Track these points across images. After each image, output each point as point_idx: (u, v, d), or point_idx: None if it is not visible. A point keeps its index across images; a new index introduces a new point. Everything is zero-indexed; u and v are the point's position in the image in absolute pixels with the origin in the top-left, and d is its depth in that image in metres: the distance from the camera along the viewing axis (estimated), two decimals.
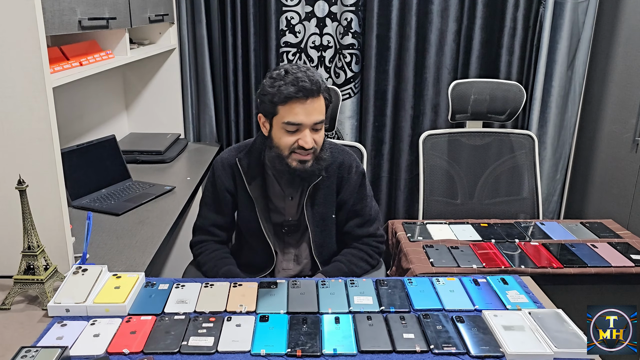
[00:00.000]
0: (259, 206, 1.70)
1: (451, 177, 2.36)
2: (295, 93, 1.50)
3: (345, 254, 1.75)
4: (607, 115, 2.66)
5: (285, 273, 1.78)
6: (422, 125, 2.83)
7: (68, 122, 2.27)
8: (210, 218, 1.74)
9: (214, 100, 2.87)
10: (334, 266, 1.72)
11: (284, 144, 1.58)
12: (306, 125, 1.54)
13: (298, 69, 1.54)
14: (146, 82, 2.83)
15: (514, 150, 2.35)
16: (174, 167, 2.53)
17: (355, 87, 2.81)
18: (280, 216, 1.74)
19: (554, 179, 2.94)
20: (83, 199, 2.05)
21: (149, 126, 2.89)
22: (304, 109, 1.52)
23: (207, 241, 1.75)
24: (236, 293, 1.42)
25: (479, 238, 1.91)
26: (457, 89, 2.29)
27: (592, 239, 1.92)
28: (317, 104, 1.54)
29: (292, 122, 1.53)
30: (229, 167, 1.71)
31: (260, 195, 1.70)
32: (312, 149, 1.57)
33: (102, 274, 1.43)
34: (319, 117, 1.55)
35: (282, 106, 1.54)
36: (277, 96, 1.53)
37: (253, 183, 1.69)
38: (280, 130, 1.57)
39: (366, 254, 1.75)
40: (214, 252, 1.72)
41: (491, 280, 1.50)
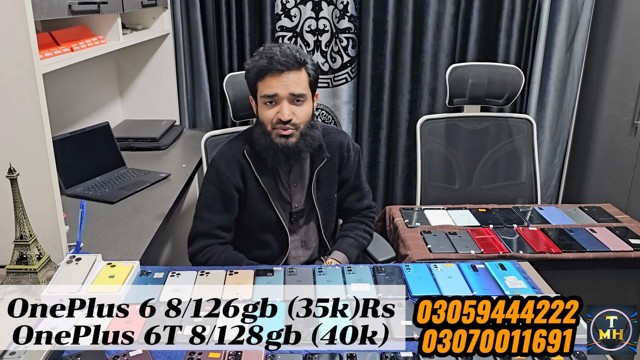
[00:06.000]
0: (274, 196, 1.67)
1: (449, 162, 2.35)
2: (267, 65, 1.53)
3: (349, 228, 1.82)
4: (606, 99, 2.64)
5: (296, 261, 1.78)
6: (419, 110, 2.81)
7: (61, 109, 2.24)
8: (214, 221, 1.66)
9: (209, 86, 2.84)
10: (345, 242, 1.77)
11: (265, 118, 1.58)
12: (282, 97, 1.54)
13: (277, 45, 1.57)
14: (140, 68, 2.80)
15: (512, 134, 2.33)
16: (169, 154, 2.51)
17: (352, 72, 2.78)
18: (287, 205, 1.72)
19: (552, 163, 2.92)
20: (77, 187, 2.03)
21: (143, 113, 2.86)
22: (279, 81, 1.54)
23: (212, 245, 1.66)
24: (232, 281, 1.41)
25: (477, 223, 1.90)
26: (454, 73, 2.26)
27: (591, 224, 1.91)
28: (296, 77, 1.55)
29: (267, 95, 1.55)
30: (236, 162, 1.65)
31: (273, 185, 1.67)
32: (291, 123, 1.56)
33: (96, 263, 1.42)
34: (296, 90, 1.54)
35: (260, 82, 1.57)
36: (253, 71, 1.57)
37: (264, 174, 1.66)
38: (262, 106, 1.59)
39: (366, 225, 1.84)
40: (223, 253, 1.66)
41: (489, 266, 1.49)
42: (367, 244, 1.81)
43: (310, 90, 1.60)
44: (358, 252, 1.77)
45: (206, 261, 1.64)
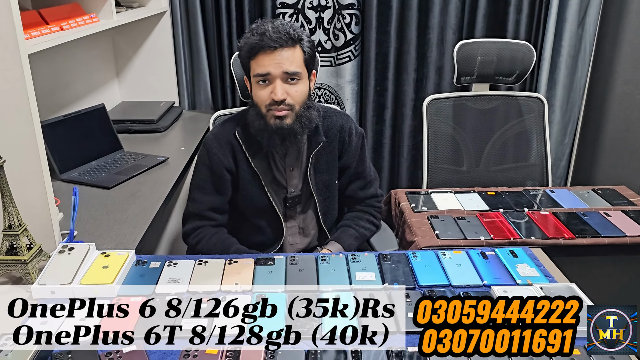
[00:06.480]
0: (266, 180, 1.61)
1: (456, 143, 2.27)
2: (259, 42, 1.46)
3: (351, 217, 1.74)
4: (619, 76, 2.54)
5: (293, 248, 1.71)
6: (425, 89, 2.72)
7: (54, 90, 2.17)
8: (206, 202, 1.62)
9: (209, 66, 2.75)
10: (344, 232, 1.70)
11: (259, 99, 1.52)
12: (275, 76, 1.48)
13: (270, 21, 1.49)
14: (137, 48, 2.71)
15: (522, 114, 2.25)
16: (167, 137, 2.44)
17: (356, 50, 2.69)
18: (283, 190, 1.65)
19: (562, 143, 2.84)
20: (72, 171, 1.96)
21: (141, 94, 2.78)
22: (272, 59, 1.47)
23: (204, 226, 1.63)
24: (231, 270, 1.35)
25: (486, 207, 1.82)
26: (462, 50, 2.17)
27: (605, 207, 1.83)
28: (289, 54, 1.48)
29: (260, 74, 1.49)
30: (227, 143, 1.60)
31: (266, 169, 1.61)
32: (285, 103, 1.49)
33: (90, 252, 1.36)
34: (290, 68, 1.48)
35: (253, 60, 1.50)
36: (244, 49, 1.50)
37: (257, 156, 1.60)
38: (255, 86, 1.52)
39: (371, 215, 1.75)
40: (214, 235, 1.62)
41: (500, 253, 1.43)
42: (369, 235, 1.74)
43: (306, 69, 1.53)
44: (358, 244, 1.69)
45: (197, 243, 1.62)
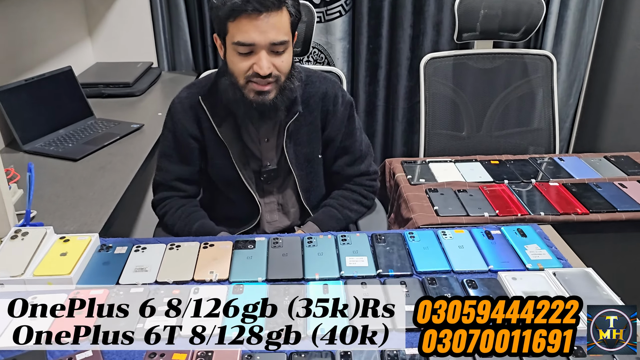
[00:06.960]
0: (234, 151, 1.45)
1: (456, 105, 2.11)
2: (242, 4, 1.24)
3: (336, 196, 1.56)
4: (630, 30, 2.38)
5: (272, 227, 1.57)
6: (422, 47, 2.54)
7: (15, 52, 1.97)
8: (172, 171, 1.50)
9: (188, 23, 2.54)
10: (325, 212, 1.53)
11: (237, 70, 1.33)
12: (261, 46, 1.29)
13: None
14: (110, 4, 2.49)
15: (528, 73, 2.08)
16: (144, 101, 2.26)
17: (347, 4, 2.49)
18: (257, 162, 1.50)
19: (567, 104, 2.68)
20: (36, 142, 1.79)
21: (117, 55, 2.58)
22: (256, 26, 1.27)
23: (172, 197, 1.51)
24: (207, 256, 1.21)
25: (490, 179, 1.67)
26: (464, 4, 1.99)
27: (620, 177, 1.68)
28: (276, 20, 1.28)
29: (242, 42, 1.28)
30: (191, 108, 1.45)
31: (234, 139, 1.45)
32: (270, 76, 1.31)
33: (47, 237, 1.21)
34: (278, 37, 1.28)
35: (231, 23, 1.29)
36: (222, 9, 1.28)
37: (223, 125, 1.44)
38: (233, 53, 1.32)
39: (359, 194, 1.56)
40: (180, 208, 1.49)
41: (506, 232, 1.29)
42: (354, 217, 1.56)
43: (292, 34, 1.35)
44: (340, 227, 1.52)
45: (164, 215, 1.52)
